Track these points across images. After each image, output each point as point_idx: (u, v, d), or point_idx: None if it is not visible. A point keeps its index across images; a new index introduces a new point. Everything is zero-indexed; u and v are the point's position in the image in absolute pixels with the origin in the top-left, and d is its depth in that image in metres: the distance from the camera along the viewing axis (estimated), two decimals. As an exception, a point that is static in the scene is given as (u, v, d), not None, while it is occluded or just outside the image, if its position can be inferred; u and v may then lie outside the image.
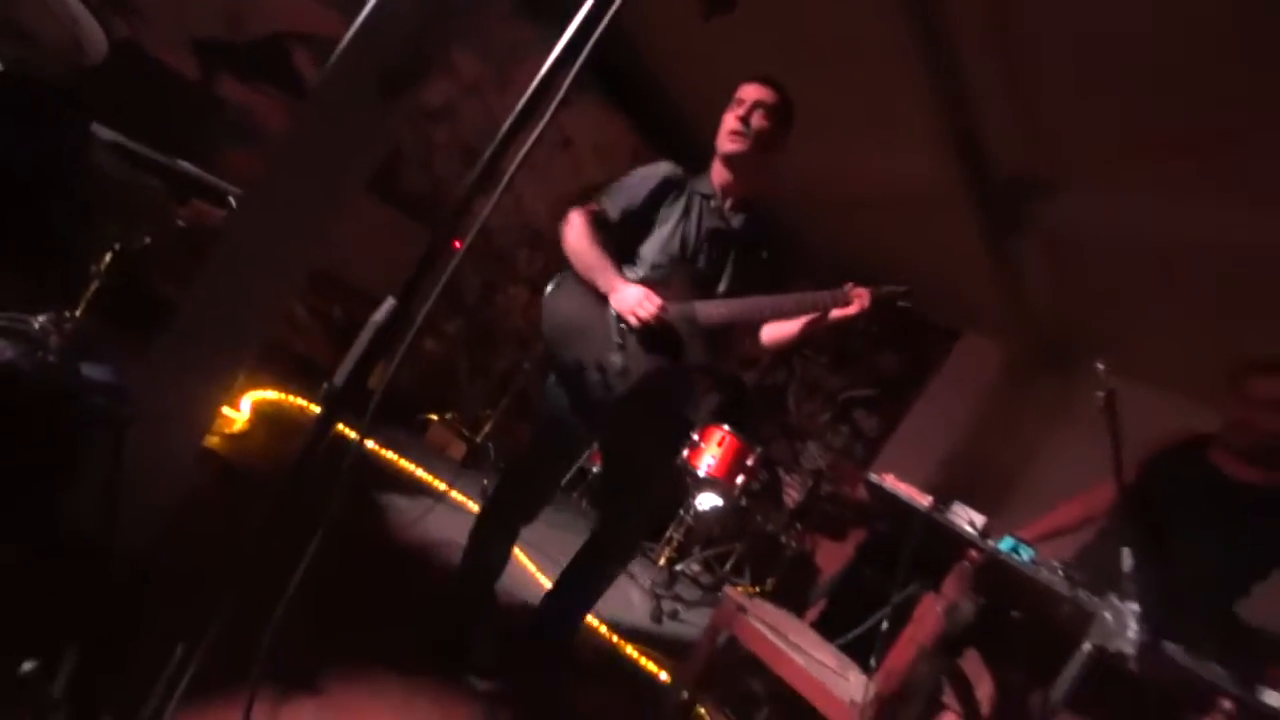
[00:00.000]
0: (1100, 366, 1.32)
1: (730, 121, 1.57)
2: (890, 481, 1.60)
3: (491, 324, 4.23)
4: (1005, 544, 1.38)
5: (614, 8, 0.73)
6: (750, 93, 1.56)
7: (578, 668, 2.00)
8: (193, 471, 1.42)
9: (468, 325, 4.12)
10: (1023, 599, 1.51)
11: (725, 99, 1.62)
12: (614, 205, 1.63)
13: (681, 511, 3.52)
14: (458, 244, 0.82)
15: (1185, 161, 2.32)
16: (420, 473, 2.82)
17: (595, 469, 3.86)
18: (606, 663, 2.19)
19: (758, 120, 1.54)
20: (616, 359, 1.49)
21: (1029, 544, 1.39)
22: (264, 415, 2.40)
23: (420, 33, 1.28)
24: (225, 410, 2.18)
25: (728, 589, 2.01)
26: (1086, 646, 1.02)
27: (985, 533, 1.43)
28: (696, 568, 3.70)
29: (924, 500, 1.52)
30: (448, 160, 3.61)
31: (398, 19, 1.25)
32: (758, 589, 3.78)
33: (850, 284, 1.50)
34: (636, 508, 1.72)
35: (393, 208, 3.46)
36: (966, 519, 1.44)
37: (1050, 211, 2.95)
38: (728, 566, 3.83)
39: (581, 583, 1.75)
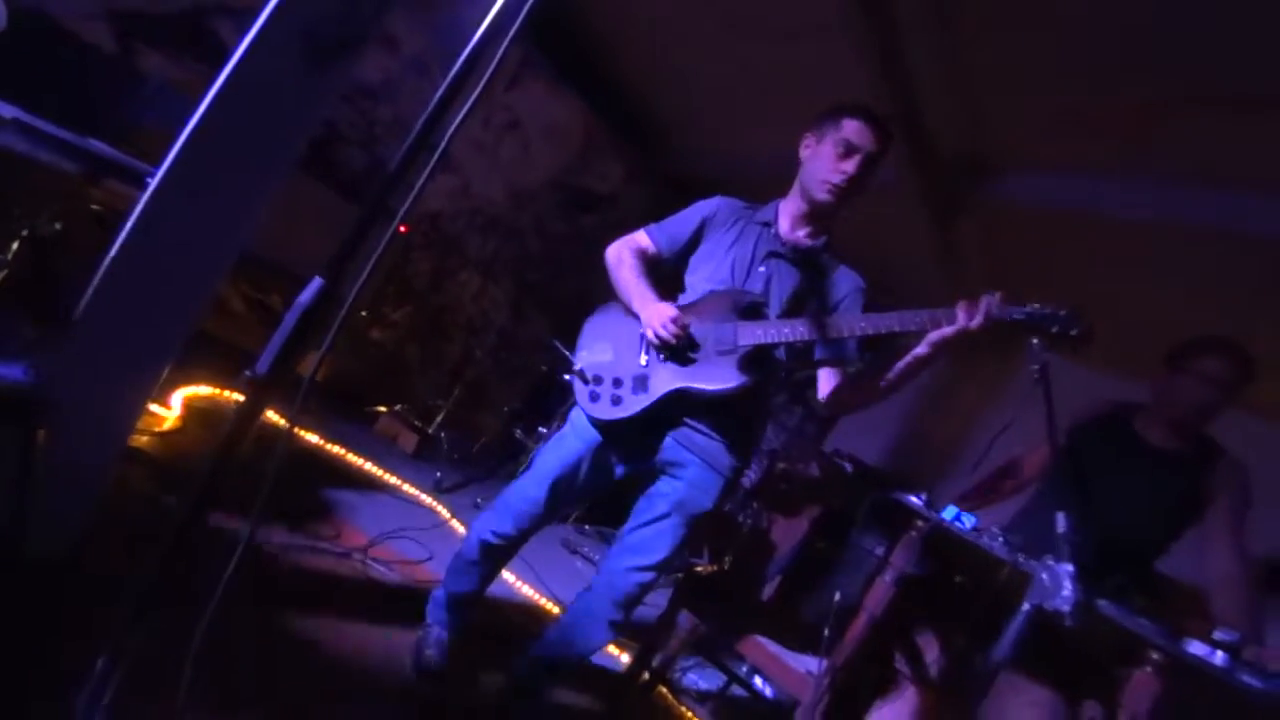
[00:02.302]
0: (1035, 342, 1.37)
1: (827, 170, 1.42)
2: (842, 459, 1.63)
3: (442, 311, 4.13)
4: (948, 513, 1.43)
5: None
6: (860, 137, 1.40)
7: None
8: (113, 473, 1.33)
9: (417, 313, 4.01)
10: (966, 564, 1.57)
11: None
12: (657, 237, 1.59)
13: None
14: (404, 229, 0.78)
15: (1118, 143, 2.42)
16: (369, 466, 2.74)
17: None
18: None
19: (856, 169, 1.40)
20: (637, 370, 1.46)
21: (970, 511, 1.45)
22: (197, 411, 2.29)
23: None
24: (154, 408, 2.07)
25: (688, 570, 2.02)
26: (1025, 606, 1.06)
27: (930, 503, 1.48)
28: (656, 550, 3.73)
29: (917, 498, 1.52)
30: (391, 140, 3.48)
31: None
32: (715, 567, 3.83)
33: (964, 302, 1.28)
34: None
35: (334, 190, 3.32)
36: (913, 496, 1.48)
37: (989, 192, 3.06)
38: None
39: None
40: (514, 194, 4.18)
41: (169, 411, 2.13)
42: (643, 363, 1.46)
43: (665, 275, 1.57)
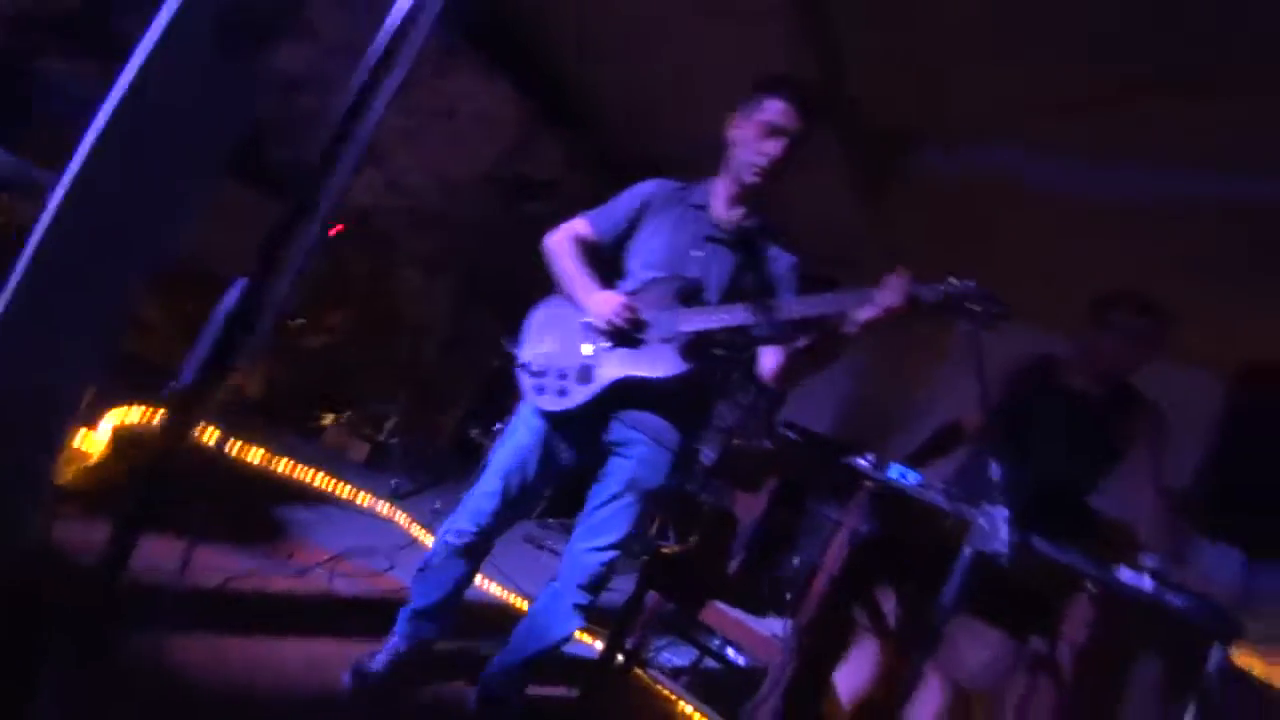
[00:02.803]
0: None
1: (751, 152, 1.43)
2: (794, 430, 1.68)
3: (384, 313, 4.01)
4: (894, 471, 1.50)
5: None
6: (782, 117, 1.41)
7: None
8: (43, 513, 1.25)
9: (357, 316, 3.88)
10: (913, 517, 1.64)
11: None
12: (596, 223, 1.58)
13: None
14: (338, 228, 0.76)
15: (1047, 115, 2.54)
16: (319, 480, 2.66)
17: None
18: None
19: (781, 150, 1.42)
20: (582, 360, 1.46)
21: (914, 468, 1.52)
22: (127, 439, 2.16)
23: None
24: (82, 436, 1.95)
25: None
26: (967, 551, 1.13)
27: (877, 464, 1.54)
28: (621, 536, 3.76)
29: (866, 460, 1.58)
30: (318, 133, 3.33)
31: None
32: (681, 547, 3.88)
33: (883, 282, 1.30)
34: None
35: (258, 189, 3.16)
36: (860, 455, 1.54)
37: (920, 163, 3.16)
38: (652, 530, 3.91)
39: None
40: (450, 186, 4.08)
41: (98, 439, 2.01)
42: (587, 353, 1.47)
43: (605, 261, 1.57)
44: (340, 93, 3.25)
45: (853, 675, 2.00)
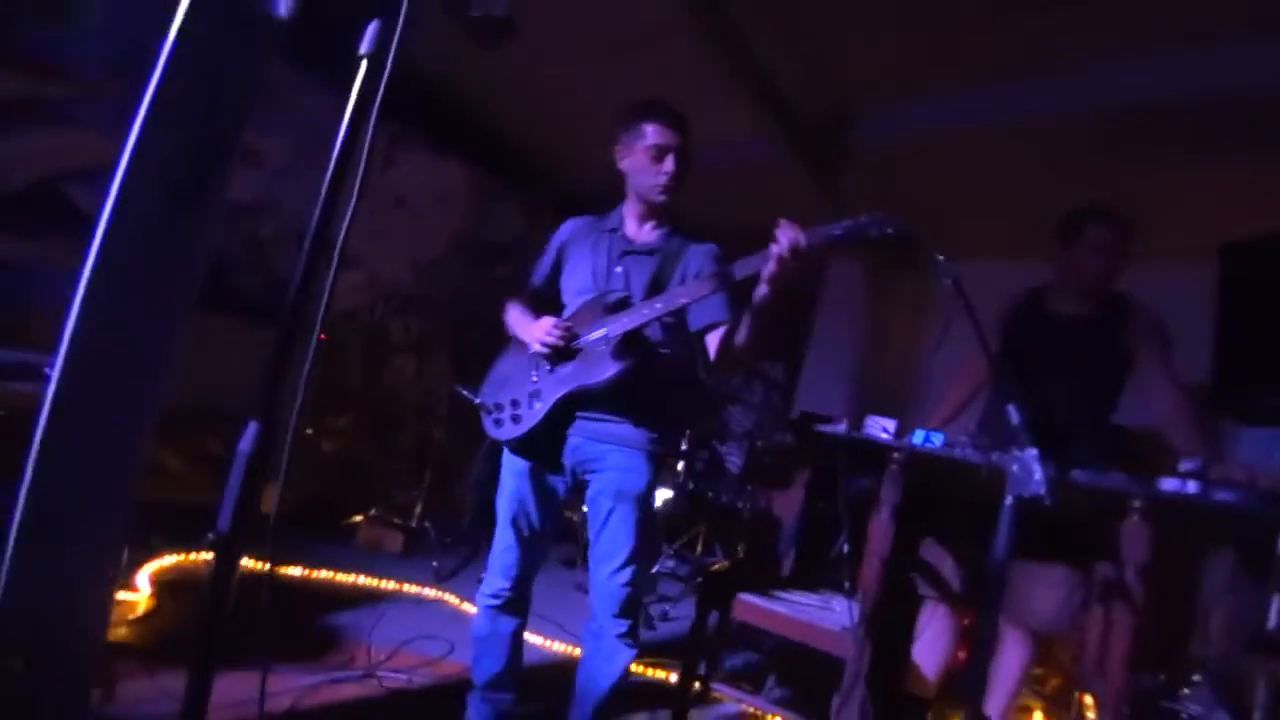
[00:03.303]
0: (940, 257, 1.45)
1: (651, 176, 1.55)
2: (809, 419, 1.69)
3: (385, 403, 4.04)
4: (917, 437, 1.50)
5: (388, 66, 0.72)
6: (663, 136, 1.53)
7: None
8: (97, 676, 1.26)
9: (360, 413, 3.91)
10: (947, 478, 1.64)
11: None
12: (534, 275, 1.72)
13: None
14: (323, 336, 0.78)
15: (953, 59, 2.61)
16: (362, 580, 2.66)
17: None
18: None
19: (675, 165, 1.54)
20: (530, 386, 1.54)
21: (938, 430, 1.52)
22: (168, 585, 2.17)
23: (202, 128, 1.21)
24: (122, 595, 1.95)
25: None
26: (1008, 500, 1.13)
27: (899, 434, 1.55)
28: (671, 563, 3.73)
29: (840, 425, 1.62)
30: (281, 253, 3.40)
31: (173, 121, 1.16)
32: (729, 561, 3.86)
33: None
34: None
35: (237, 318, 3.22)
36: (880, 428, 1.55)
37: (858, 137, 3.23)
38: (699, 550, 3.89)
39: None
40: (420, 268, 4.14)
41: (139, 594, 2.02)
42: (534, 379, 1.55)
43: (554, 306, 1.65)
44: (291, 211, 3.32)
45: (931, 648, 1.98)
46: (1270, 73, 2.24)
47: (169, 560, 2.35)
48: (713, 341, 1.53)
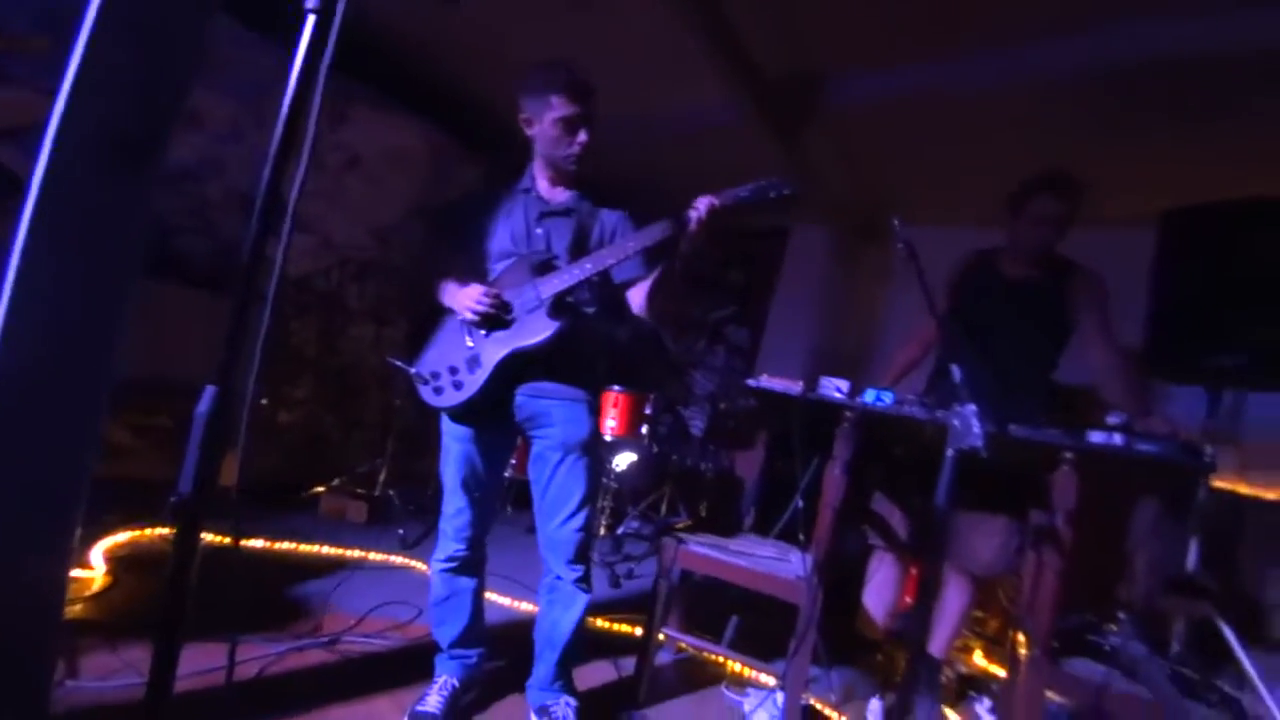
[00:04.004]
0: (896, 223, 1.50)
1: (564, 146, 1.57)
2: (765, 381, 1.74)
3: (345, 372, 3.97)
4: (868, 396, 1.57)
5: (336, 22, 0.70)
6: (571, 108, 1.54)
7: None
8: (56, 655, 1.25)
9: (319, 382, 3.83)
10: (897, 434, 1.72)
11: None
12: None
13: (605, 479, 3.59)
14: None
15: (919, 26, 2.62)
16: (327, 550, 2.65)
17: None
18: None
19: (587, 135, 1.57)
20: (467, 353, 1.56)
21: (888, 389, 1.59)
22: (122, 561, 2.13)
23: (144, 85, 1.15)
24: (76, 573, 1.92)
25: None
26: (949, 453, 1.20)
27: (851, 393, 1.61)
28: (635, 524, 3.82)
29: (795, 386, 1.67)
30: (227, 216, 3.26)
31: (111, 78, 1.10)
32: (693, 521, 3.97)
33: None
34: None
35: (184, 286, 3.10)
36: (833, 388, 1.61)
37: (823, 99, 3.24)
38: (663, 511, 3.98)
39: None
40: (378, 232, 4.03)
41: (94, 571, 1.98)
42: (470, 345, 1.57)
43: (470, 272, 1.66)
44: (237, 172, 3.18)
45: (880, 593, 2.10)
46: (1213, 42, 2.32)
47: (123, 536, 2.30)
48: (633, 295, 1.63)
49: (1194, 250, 2.24)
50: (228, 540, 1.98)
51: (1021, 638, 1.58)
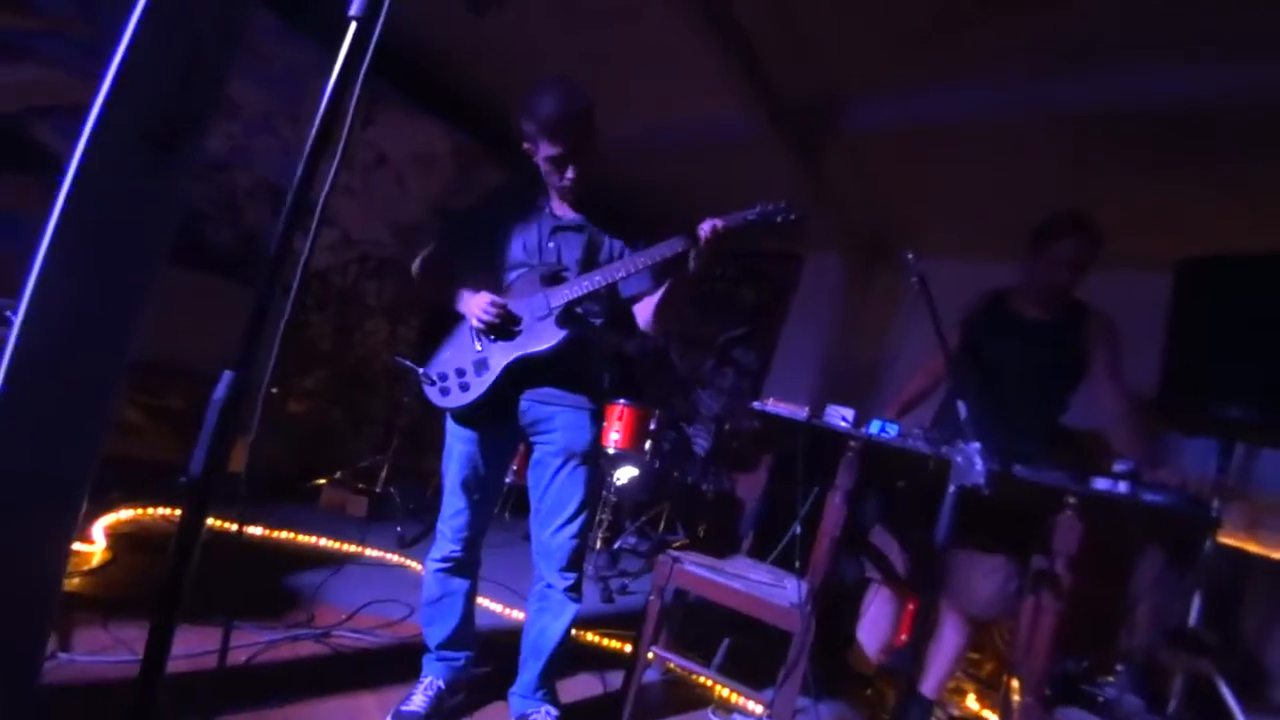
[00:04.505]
0: (910, 256, 1.51)
1: (557, 179, 1.60)
2: (771, 405, 1.74)
3: (356, 367, 4.01)
4: (873, 427, 1.57)
5: (377, 32, 0.72)
6: (557, 149, 1.54)
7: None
8: (52, 627, 1.26)
9: (330, 375, 3.87)
10: (900, 467, 1.71)
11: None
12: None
13: (605, 491, 3.59)
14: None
15: (937, 50, 2.64)
16: (324, 542, 2.66)
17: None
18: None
19: (575, 174, 1.58)
20: (475, 356, 1.59)
21: (894, 421, 1.59)
22: (123, 538, 2.15)
23: (184, 75, 1.18)
24: (77, 546, 1.94)
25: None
26: (951, 489, 1.20)
27: (857, 423, 1.61)
28: (633, 540, 3.80)
29: (801, 411, 1.67)
30: (255, 206, 3.32)
31: (153, 66, 1.14)
32: (690, 540, 3.95)
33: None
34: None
35: (207, 272, 3.15)
36: (839, 416, 1.61)
37: (841, 124, 3.26)
38: (661, 528, 3.97)
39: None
40: (398, 230, 4.08)
41: (94, 547, 2.00)
42: (478, 349, 1.60)
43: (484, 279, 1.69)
44: (267, 163, 3.24)
45: (874, 628, 2.08)
46: (1240, 88, 2.31)
47: (126, 514, 2.33)
48: (640, 310, 1.66)
49: (1208, 302, 2.23)
50: (232, 526, 1.99)
51: (1015, 683, 1.55)
